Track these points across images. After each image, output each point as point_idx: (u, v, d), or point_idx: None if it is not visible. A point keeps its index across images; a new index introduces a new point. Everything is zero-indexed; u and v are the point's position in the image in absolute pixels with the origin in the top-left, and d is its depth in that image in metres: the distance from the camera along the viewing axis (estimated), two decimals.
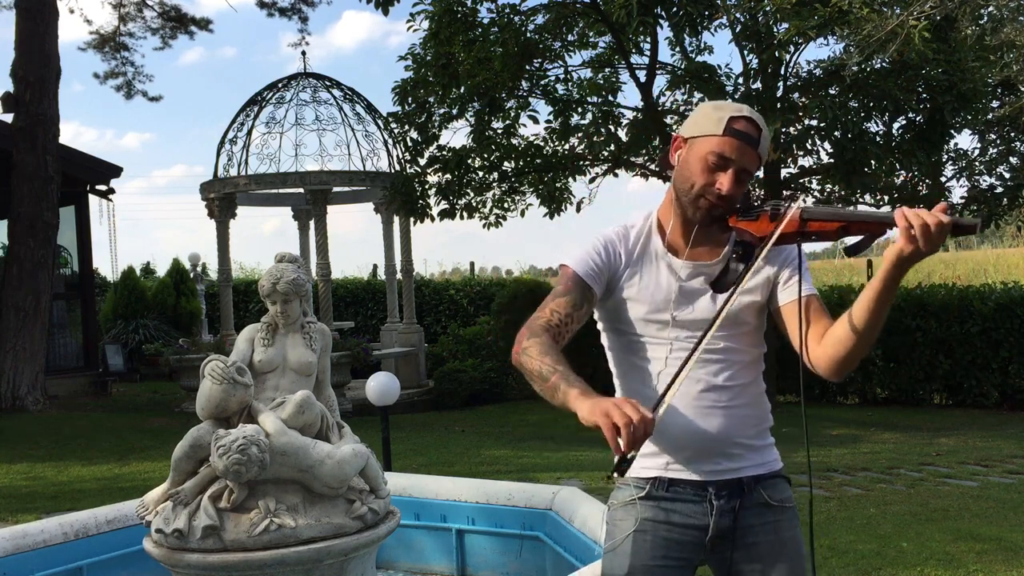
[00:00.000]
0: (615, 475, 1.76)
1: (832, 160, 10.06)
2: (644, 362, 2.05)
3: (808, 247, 2.03)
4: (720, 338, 2.01)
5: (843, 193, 10.43)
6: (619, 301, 2.05)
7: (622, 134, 11.49)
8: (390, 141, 12.85)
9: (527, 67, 10.67)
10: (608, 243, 2.07)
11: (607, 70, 11.55)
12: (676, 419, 2.01)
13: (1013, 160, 10.66)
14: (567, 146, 11.64)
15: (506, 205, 11.89)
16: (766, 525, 2.05)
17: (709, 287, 2.02)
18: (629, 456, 1.71)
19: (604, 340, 2.15)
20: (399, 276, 13.54)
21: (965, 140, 69.91)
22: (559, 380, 1.84)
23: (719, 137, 1.97)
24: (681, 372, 1.86)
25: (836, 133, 9.39)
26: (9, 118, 12.72)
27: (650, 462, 2.05)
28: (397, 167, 12.60)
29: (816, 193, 11.40)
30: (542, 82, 11.30)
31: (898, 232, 1.76)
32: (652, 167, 11.99)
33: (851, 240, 1.90)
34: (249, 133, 12.59)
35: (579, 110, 11.43)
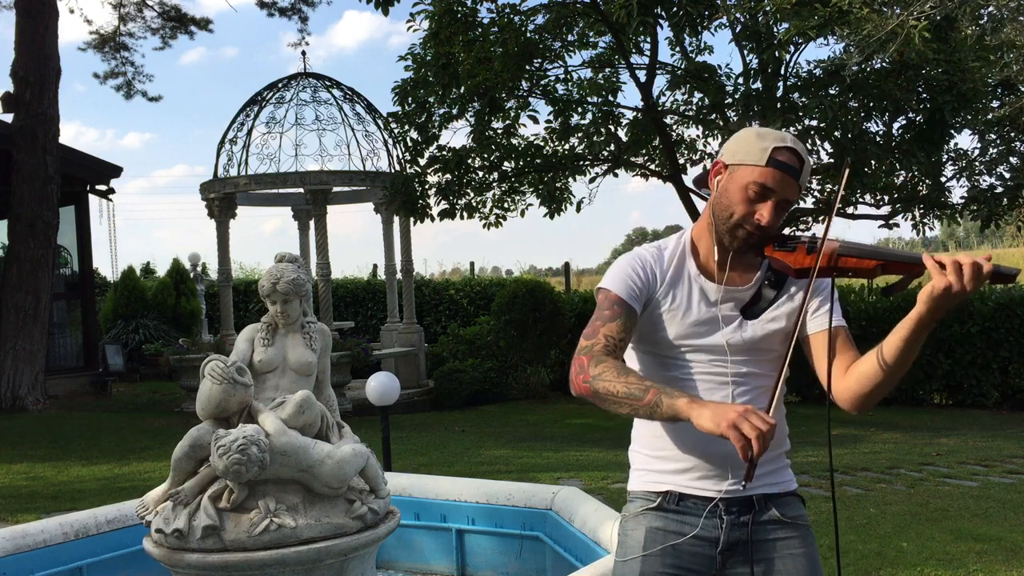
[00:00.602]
0: (744, 484, 1.79)
1: (832, 160, 10.06)
2: (665, 381, 2.04)
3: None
4: (742, 363, 2.02)
5: (843, 193, 10.43)
6: (651, 321, 2.05)
7: (622, 134, 11.50)
8: (390, 141, 12.85)
9: (527, 67, 10.67)
10: (644, 263, 2.07)
11: (607, 70, 11.55)
12: (691, 438, 2.01)
13: (1013, 160, 10.65)
14: (567, 146, 11.64)
15: (506, 205, 11.89)
16: (778, 541, 2.04)
17: (739, 313, 2.03)
18: (757, 462, 1.74)
19: (630, 357, 2.15)
20: (399, 276, 13.54)
21: (965, 140, 69.99)
22: (658, 395, 1.83)
23: (762, 168, 1.96)
24: (781, 376, 1.89)
25: (836, 133, 9.39)
26: (9, 118, 12.72)
27: (662, 477, 2.07)
28: (397, 167, 12.60)
29: (816, 193, 11.40)
30: (542, 82, 11.30)
31: (929, 271, 1.76)
32: (652, 167, 11.99)
33: (888, 283, 1.91)
34: (249, 133, 12.60)
35: (579, 110, 11.43)
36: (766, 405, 1.95)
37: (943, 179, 10.73)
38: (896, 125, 10.24)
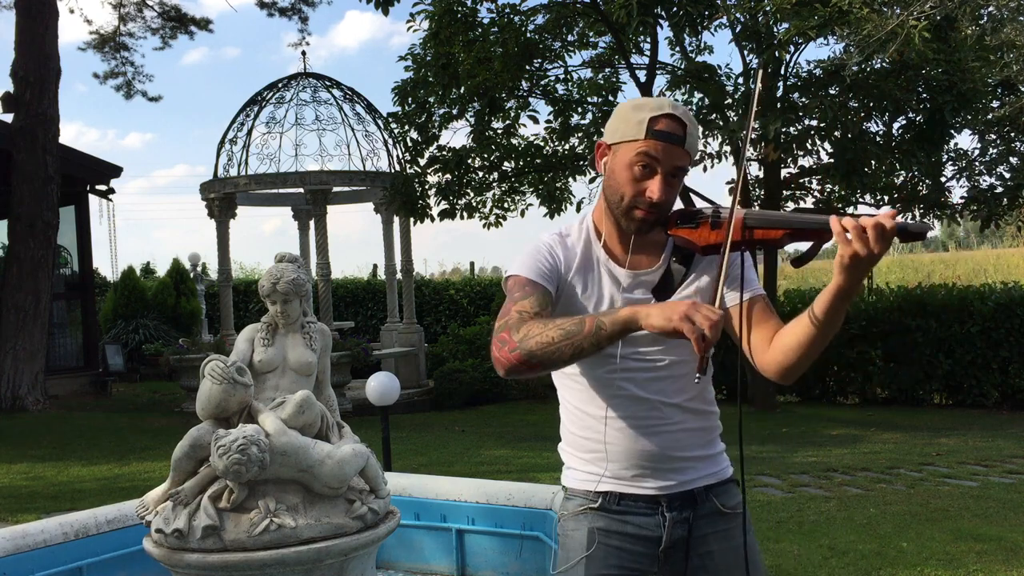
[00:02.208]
0: (699, 375, 1.72)
1: (832, 160, 10.06)
2: (587, 378, 2.00)
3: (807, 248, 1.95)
4: (662, 353, 1.94)
5: (843, 193, 10.44)
6: (567, 311, 1.95)
7: None
8: (390, 141, 12.85)
9: (527, 67, 10.68)
10: (548, 248, 1.98)
11: (607, 70, 11.56)
12: (623, 439, 1.97)
13: (1013, 160, 10.66)
14: (567, 146, 11.65)
15: (506, 205, 11.89)
16: (718, 533, 2.01)
17: (652, 295, 1.95)
18: (709, 355, 1.69)
19: (558, 381, 2.10)
20: (399, 276, 13.54)
21: (965, 140, 70.00)
22: (596, 319, 1.75)
23: (641, 141, 1.86)
24: (722, 270, 1.80)
25: (836, 133, 9.39)
26: (9, 118, 12.72)
27: (599, 478, 2.02)
28: (397, 167, 12.60)
29: (816, 193, 11.41)
30: (542, 82, 11.31)
31: (835, 238, 1.69)
32: None
33: (797, 251, 1.83)
34: (249, 133, 12.60)
35: (579, 110, 11.44)
36: (682, 395, 1.94)
37: (943, 179, 10.73)
38: (896, 125, 10.25)
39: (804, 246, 1.85)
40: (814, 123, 9.78)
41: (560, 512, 2.10)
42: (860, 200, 10.67)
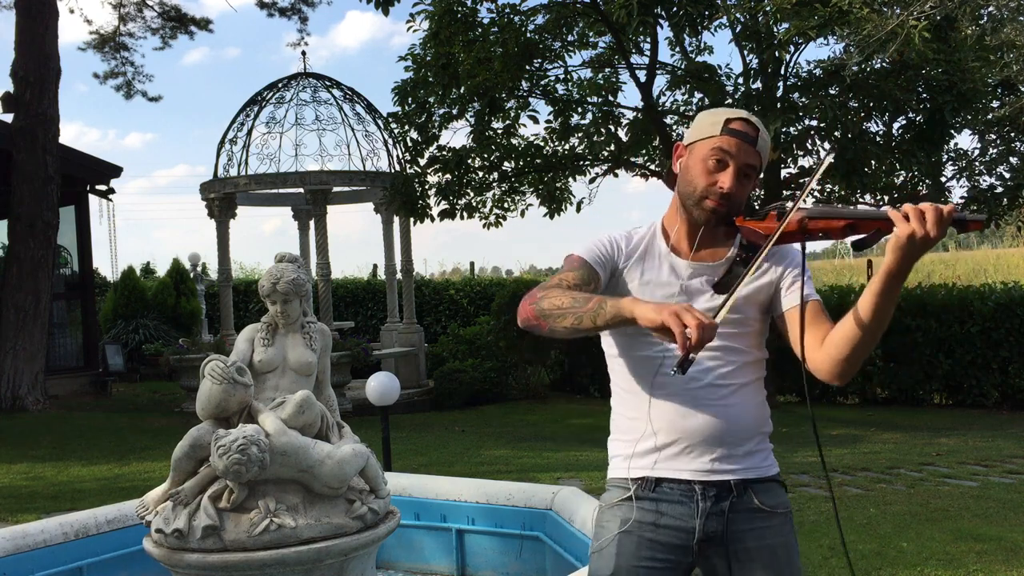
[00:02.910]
0: (678, 370, 1.76)
1: (832, 160, 10.05)
2: (640, 361, 2.06)
3: (809, 248, 2.02)
4: (720, 336, 1.98)
5: (843, 193, 10.44)
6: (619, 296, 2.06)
7: (622, 134, 11.50)
8: (390, 141, 12.85)
9: (527, 67, 10.67)
10: (612, 239, 2.10)
11: (607, 70, 11.55)
12: (667, 411, 2.01)
13: (1013, 160, 10.66)
14: (567, 146, 11.64)
15: (506, 205, 11.89)
16: (755, 531, 2.02)
17: (711, 288, 2.02)
18: (692, 357, 1.74)
19: (603, 339, 2.15)
20: (399, 276, 13.54)
21: (965, 140, 69.96)
22: (601, 299, 1.85)
23: (717, 136, 2.00)
24: (732, 295, 1.85)
25: (836, 133, 9.39)
26: (9, 118, 12.72)
27: (637, 462, 2.05)
28: (397, 167, 12.60)
29: (816, 193, 11.40)
30: (542, 82, 11.30)
31: (895, 222, 1.77)
32: (652, 167, 11.99)
33: (856, 237, 1.89)
34: (249, 133, 12.60)
35: (579, 110, 11.44)
36: (731, 379, 1.99)
37: (943, 179, 10.73)
38: (896, 125, 10.24)
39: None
40: (814, 123, 9.78)
41: (599, 503, 2.15)
42: (860, 200, 10.67)
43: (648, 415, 2.04)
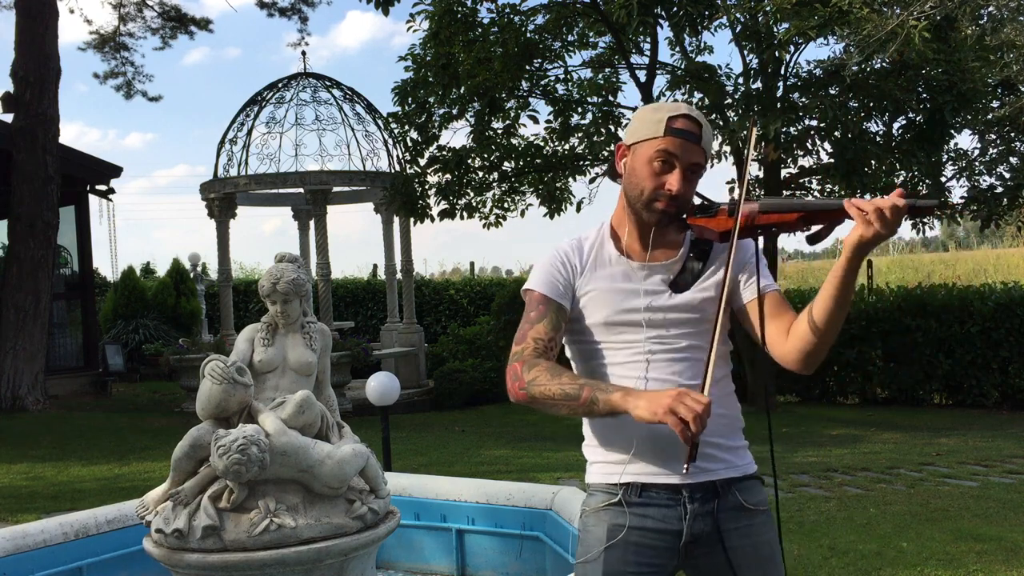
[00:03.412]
0: (688, 466, 1.82)
1: (832, 160, 10.06)
2: (611, 370, 2.04)
3: (808, 248, 2.04)
4: (682, 336, 2.01)
5: (843, 193, 10.44)
6: (578, 310, 2.06)
7: (622, 134, 11.49)
8: (390, 141, 12.85)
9: (527, 67, 10.67)
10: (564, 256, 2.09)
11: (607, 70, 11.56)
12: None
13: (1013, 160, 10.66)
14: (567, 146, 11.64)
15: (506, 205, 11.89)
16: (741, 529, 2.03)
17: (667, 287, 2.03)
18: (697, 443, 1.76)
19: (567, 350, 2.15)
20: (399, 276, 13.54)
21: (965, 140, 70.02)
22: (592, 392, 1.87)
23: (661, 138, 1.98)
24: (711, 356, 1.88)
25: (836, 133, 9.39)
26: (9, 118, 12.72)
27: (621, 468, 2.04)
28: (397, 167, 12.60)
29: (816, 193, 11.40)
30: (542, 82, 11.30)
31: (855, 219, 1.79)
32: None
33: (812, 230, 1.92)
34: (249, 133, 12.60)
35: (579, 110, 11.44)
36: (701, 384, 1.95)
37: (943, 179, 10.73)
38: (896, 125, 10.24)
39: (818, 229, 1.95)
40: (814, 123, 9.78)
41: (582, 507, 2.12)
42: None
43: (628, 421, 2.00)
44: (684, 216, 2.01)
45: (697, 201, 2.05)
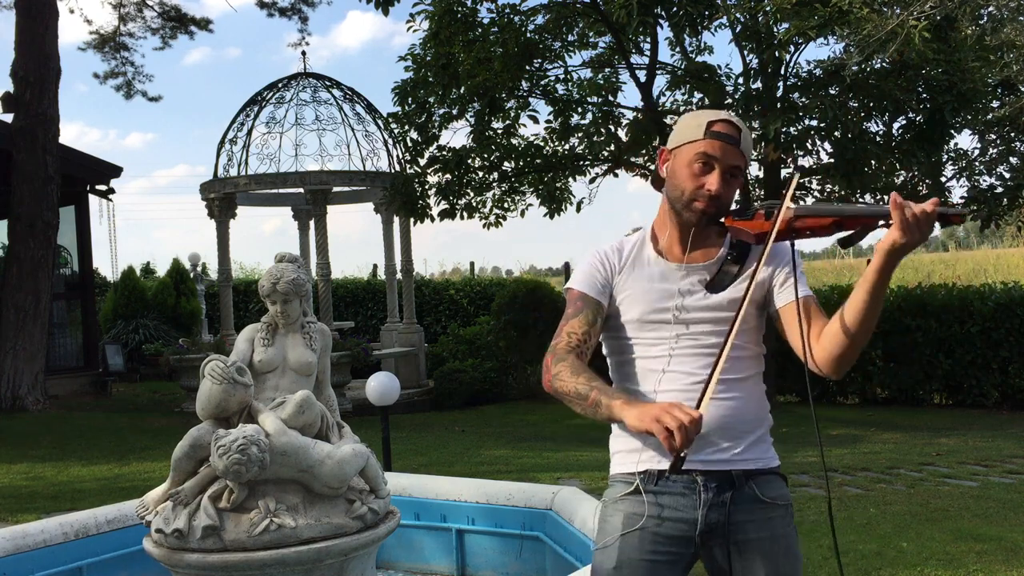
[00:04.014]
0: (671, 474, 1.92)
1: (832, 160, 10.06)
2: (640, 364, 2.10)
3: (808, 246, 2.05)
4: (710, 333, 2.06)
5: (843, 193, 10.44)
6: (615, 308, 2.12)
7: (622, 134, 11.50)
8: (390, 141, 12.85)
9: (527, 67, 10.67)
10: (604, 256, 2.16)
11: (607, 70, 11.55)
12: None
13: (1013, 160, 10.66)
14: (567, 146, 11.64)
15: (506, 205, 11.89)
16: (756, 522, 2.05)
17: (704, 288, 2.07)
18: (683, 455, 1.80)
19: (604, 347, 2.21)
20: (399, 276, 13.54)
21: (965, 140, 69.97)
22: (598, 395, 1.94)
23: (700, 140, 2.04)
24: (716, 368, 1.91)
25: (836, 133, 9.39)
26: (9, 118, 12.72)
27: (639, 456, 2.08)
28: (397, 167, 12.60)
29: (816, 193, 11.40)
30: (542, 82, 11.30)
31: (893, 223, 1.81)
32: (652, 167, 11.99)
33: (843, 234, 1.95)
34: (249, 133, 12.60)
35: (579, 110, 11.43)
36: (728, 375, 2.02)
37: (943, 179, 10.73)
38: (896, 125, 10.23)
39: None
40: (814, 123, 9.77)
41: (603, 499, 2.18)
42: (860, 200, 10.67)
43: None
44: (722, 218, 2.06)
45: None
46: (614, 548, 2.06)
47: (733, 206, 2.10)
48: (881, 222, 1.87)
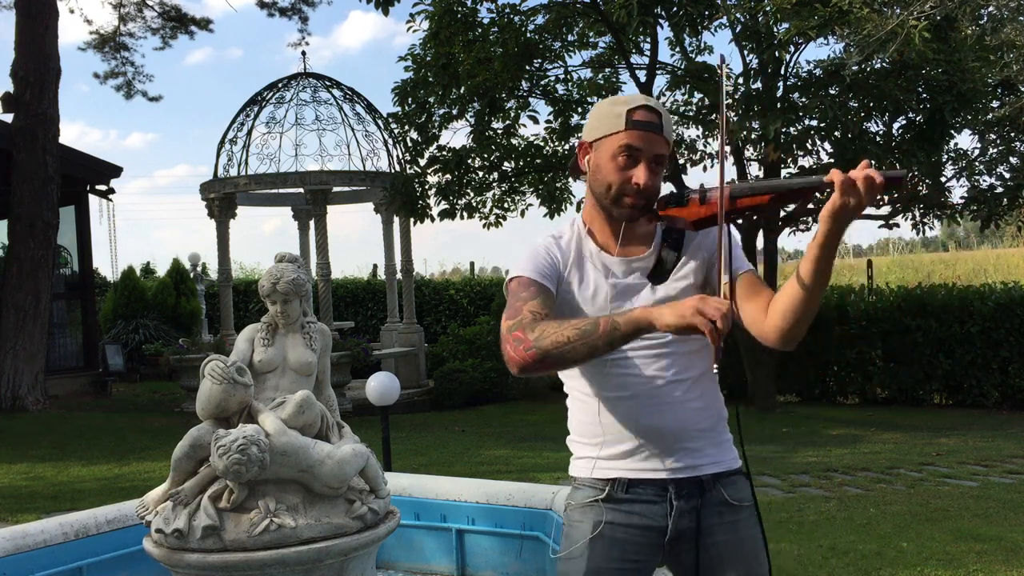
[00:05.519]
0: (716, 368, 1.81)
1: (832, 160, 10.06)
2: (596, 367, 2.03)
3: (794, 245, 2.01)
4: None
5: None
6: (567, 307, 2.03)
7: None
8: (390, 141, 12.86)
9: (527, 67, 10.67)
10: (547, 249, 2.06)
11: (607, 70, 11.56)
12: (631, 417, 2.00)
13: (1013, 160, 10.66)
14: (567, 146, 11.65)
15: (506, 205, 11.89)
16: (725, 524, 2.03)
17: (647, 280, 2.02)
18: (723, 345, 1.74)
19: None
20: (399, 276, 13.54)
21: (965, 140, 69.99)
22: (611, 319, 1.80)
23: (623, 132, 1.96)
24: (720, 272, 1.86)
25: (836, 133, 9.39)
26: (9, 118, 12.72)
27: (608, 463, 2.04)
28: (397, 167, 12.61)
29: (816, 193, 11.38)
30: (542, 82, 11.30)
31: (835, 189, 1.74)
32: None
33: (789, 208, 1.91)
34: (249, 133, 12.60)
35: (579, 110, 11.44)
36: (685, 374, 1.98)
37: (943, 179, 10.73)
38: (896, 125, 10.24)
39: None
40: (814, 123, 9.77)
41: (567, 501, 2.13)
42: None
43: (611, 419, 2.03)
44: (655, 207, 1.99)
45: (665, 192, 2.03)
46: (582, 558, 2.01)
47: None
48: (817, 192, 1.83)
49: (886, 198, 10.91)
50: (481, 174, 11.51)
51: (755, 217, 2.18)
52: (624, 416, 2.00)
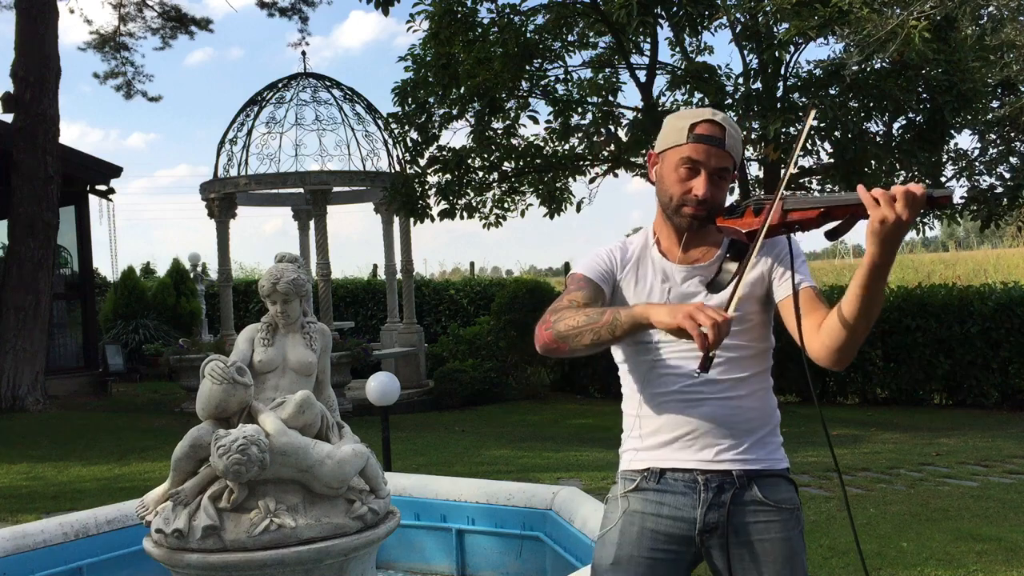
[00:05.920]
0: (699, 372, 1.84)
1: (832, 160, 10.06)
2: (646, 365, 2.10)
3: (807, 246, 2.04)
4: None
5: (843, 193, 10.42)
6: (618, 302, 2.12)
7: (622, 134, 11.50)
8: (390, 141, 12.86)
9: (527, 67, 10.66)
10: (609, 251, 2.17)
11: (607, 70, 11.55)
12: (669, 411, 2.05)
13: (1013, 160, 10.65)
14: (567, 146, 11.64)
15: (506, 205, 11.89)
16: (759, 524, 2.04)
17: (704, 288, 2.07)
18: (712, 354, 1.78)
19: (613, 352, 2.20)
20: (399, 276, 13.54)
21: (965, 140, 69.96)
22: (615, 311, 1.91)
23: (685, 145, 2.04)
24: (738, 282, 1.90)
25: (836, 133, 9.38)
26: (9, 118, 12.72)
27: (643, 455, 2.09)
28: (397, 167, 12.61)
29: (816, 193, 11.39)
30: (542, 82, 11.29)
31: (867, 208, 1.76)
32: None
33: (830, 226, 1.91)
34: (249, 133, 12.60)
35: (579, 110, 11.43)
36: (729, 374, 2.03)
37: (943, 179, 10.72)
38: (896, 125, 10.23)
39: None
40: (814, 123, 9.77)
41: (607, 497, 2.20)
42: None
43: (650, 410, 2.09)
44: (714, 218, 2.06)
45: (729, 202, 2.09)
46: (612, 544, 2.07)
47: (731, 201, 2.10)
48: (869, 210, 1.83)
49: (934, 220, 10.91)
50: (481, 174, 11.50)
51: (800, 229, 2.18)
52: (663, 410, 2.06)
